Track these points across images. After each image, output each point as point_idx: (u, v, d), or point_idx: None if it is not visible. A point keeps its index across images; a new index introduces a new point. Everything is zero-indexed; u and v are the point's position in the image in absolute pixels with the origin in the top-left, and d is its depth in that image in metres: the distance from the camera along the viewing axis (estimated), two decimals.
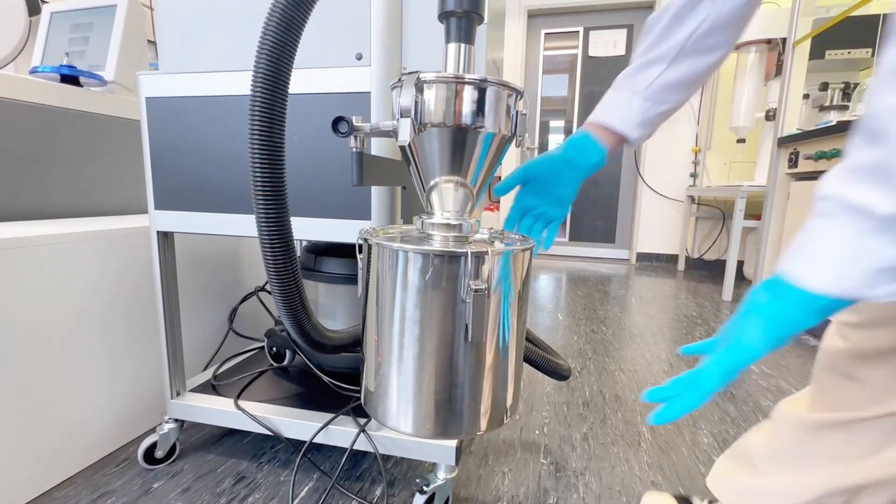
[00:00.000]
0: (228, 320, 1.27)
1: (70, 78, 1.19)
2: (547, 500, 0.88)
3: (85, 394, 0.91)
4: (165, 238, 0.89)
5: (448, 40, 0.45)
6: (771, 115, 2.58)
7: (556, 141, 3.96)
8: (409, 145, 0.45)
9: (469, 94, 0.43)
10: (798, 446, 0.61)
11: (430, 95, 0.43)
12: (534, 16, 3.73)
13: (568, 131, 3.91)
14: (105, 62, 1.29)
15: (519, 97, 0.46)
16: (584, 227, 3.88)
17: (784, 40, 2.36)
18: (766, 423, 0.69)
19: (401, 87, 0.43)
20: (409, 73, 0.43)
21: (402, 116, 0.42)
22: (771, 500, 0.63)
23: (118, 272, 0.97)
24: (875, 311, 0.55)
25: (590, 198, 3.85)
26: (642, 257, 3.71)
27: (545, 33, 3.75)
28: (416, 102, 0.42)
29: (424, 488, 0.78)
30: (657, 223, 3.63)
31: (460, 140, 0.44)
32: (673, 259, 3.63)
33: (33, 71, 1.21)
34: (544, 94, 3.84)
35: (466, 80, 0.42)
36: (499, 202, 3.84)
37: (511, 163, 3.64)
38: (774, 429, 0.66)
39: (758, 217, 2.49)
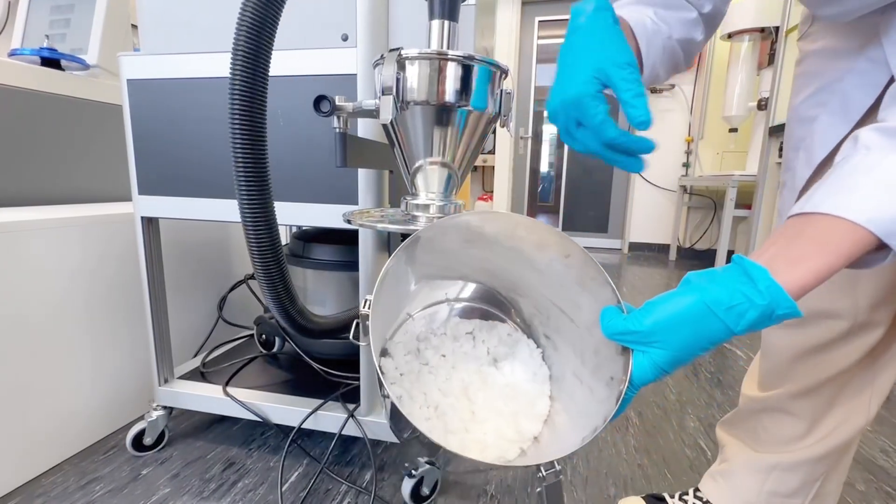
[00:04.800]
0: (218, 308, 1.26)
1: (51, 61, 1.16)
2: (535, 483, 0.88)
3: (72, 381, 0.91)
4: (150, 224, 0.87)
5: (431, 17, 0.44)
6: (763, 105, 2.59)
7: (550, 131, 3.94)
8: (392, 124, 0.44)
9: (452, 72, 0.42)
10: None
11: (413, 72, 0.42)
12: (528, 3, 3.69)
13: None
14: (87, 45, 1.26)
15: (504, 75, 0.45)
16: (577, 217, 3.89)
17: (777, 29, 2.36)
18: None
19: (383, 64, 0.42)
20: (392, 50, 0.42)
21: (383, 94, 0.42)
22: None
23: (103, 259, 0.96)
24: (803, 307, 0.58)
25: (583, 187, 3.85)
26: (634, 247, 3.73)
27: (539, 21, 3.72)
28: (398, 80, 0.41)
29: (413, 472, 0.79)
30: (650, 213, 3.65)
31: (444, 119, 0.44)
32: (665, 248, 3.65)
33: (13, 53, 1.18)
34: (538, 83, 3.82)
35: (450, 56, 0.41)
36: (492, 192, 3.84)
37: (503, 149, 3.62)
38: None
39: (749, 206, 2.50)
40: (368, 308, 0.34)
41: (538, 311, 0.45)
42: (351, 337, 0.41)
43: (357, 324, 0.39)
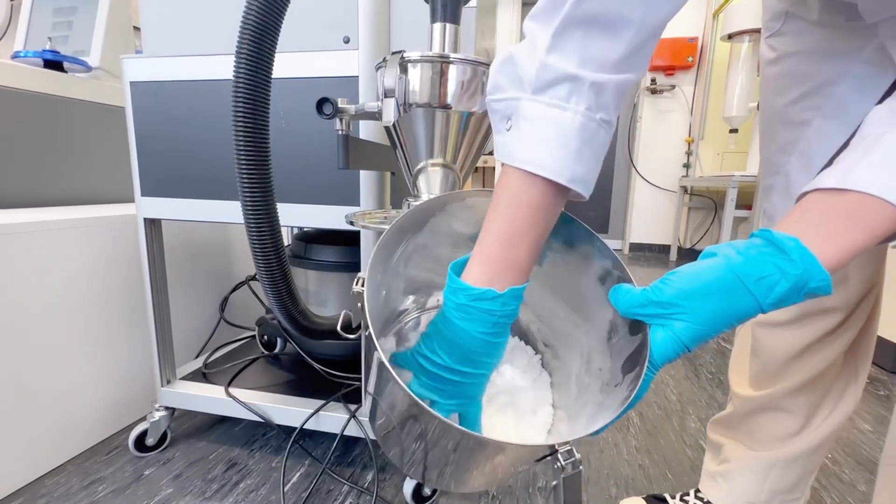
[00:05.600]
0: (220, 309, 1.27)
1: (53, 63, 1.17)
2: (536, 483, 0.89)
3: (74, 382, 0.91)
4: (153, 225, 0.88)
5: (433, 20, 0.45)
6: None
7: None
8: (394, 126, 0.44)
9: (454, 74, 0.42)
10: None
11: (415, 75, 0.42)
12: (529, 4, 3.69)
13: None
14: (90, 47, 1.27)
15: None
16: (578, 217, 3.88)
17: None
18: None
19: (385, 66, 0.42)
20: (394, 53, 0.42)
21: (386, 97, 0.42)
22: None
23: (106, 260, 0.96)
24: (801, 307, 0.59)
25: None
26: (635, 247, 3.73)
27: None
28: (400, 82, 0.42)
29: None
30: (650, 213, 3.65)
31: (446, 121, 0.44)
32: (665, 249, 3.65)
33: (15, 56, 1.19)
34: None
35: (451, 59, 0.42)
36: None
37: None
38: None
39: (749, 207, 2.50)
40: (362, 286, 0.33)
41: (535, 317, 0.45)
42: (339, 327, 0.41)
43: (346, 316, 0.39)
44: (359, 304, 0.32)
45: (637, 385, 0.31)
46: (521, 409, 0.41)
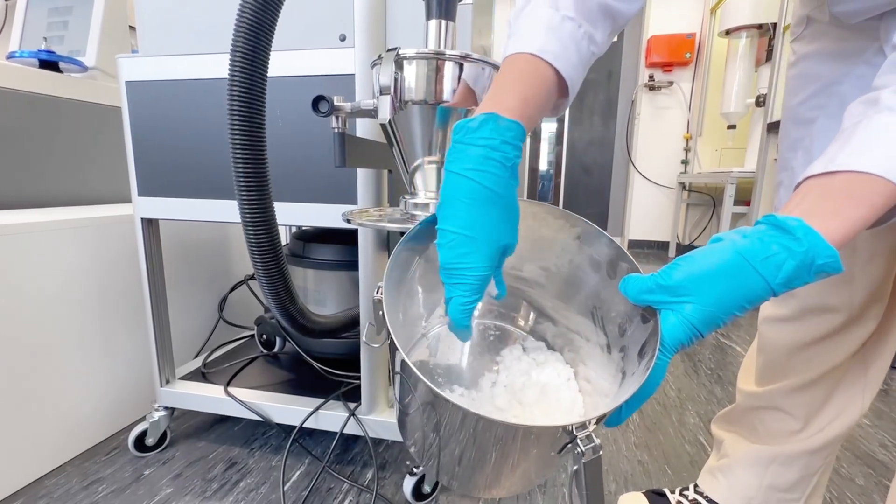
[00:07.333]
0: (218, 308, 1.27)
1: (49, 63, 1.16)
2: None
3: (74, 382, 0.91)
4: (150, 225, 0.88)
5: (429, 17, 0.45)
6: (761, 101, 2.59)
7: (548, 129, 3.94)
8: (390, 124, 0.44)
9: (450, 71, 0.42)
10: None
11: (411, 72, 0.42)
12: None
13: (560, 120, 3.89)
14: (85, 47, 1.26)
15: None
16: (579, 215, 3.88)
17: (775, 25, 2.36)
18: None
19: (381, 64, 0.42)
20: (390, 50, 0.42)
21: (381, 94, 0.42)
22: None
23: (104, 260, 0.96)
24: (800, 302, 0.60)
25: (582, 185, 3.85)
26: (634, 244, 3.73)
27: None
28: (395, 79, 0.42)
29: (415, 470, 0.79)
30: (649, 210, 3.65)
31: (442, 118, 0.44)
32: (664, 246, 3.65)
33: (10, 56, 1.18)
34: None
35: (447, 56, 0.42)
36: None
37: None
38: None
39: (747, 203, 2.50)
40: (380, 294, 0.32)
41: (559, 328, 0.45)
42: (364, 338, 0.41)
43: (369, 325, 0.39)
44: (380, 313, 0.33)
45: (650, 367, 0.31)
46: (560, 405, 0.41)
